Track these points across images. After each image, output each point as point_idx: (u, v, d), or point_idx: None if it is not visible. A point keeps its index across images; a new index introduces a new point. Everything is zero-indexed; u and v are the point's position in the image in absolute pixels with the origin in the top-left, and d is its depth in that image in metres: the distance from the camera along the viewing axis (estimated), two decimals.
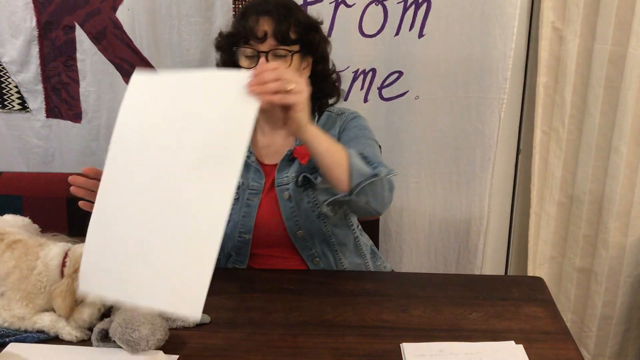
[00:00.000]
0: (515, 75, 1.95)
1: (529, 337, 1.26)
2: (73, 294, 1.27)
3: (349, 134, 1.53)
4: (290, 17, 1.44)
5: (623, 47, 1.86)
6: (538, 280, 1.52)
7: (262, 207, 1.54)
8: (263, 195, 1.53)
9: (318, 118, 1.57)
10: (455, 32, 1.86)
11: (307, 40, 1.48)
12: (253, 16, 1.44)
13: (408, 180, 2.03)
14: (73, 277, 1.28)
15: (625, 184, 1.98)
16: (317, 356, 1.22)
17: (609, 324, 2.13)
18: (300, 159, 1.52)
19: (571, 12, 1.88)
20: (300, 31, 1.46)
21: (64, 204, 1.78)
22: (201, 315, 1.33)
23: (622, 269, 2.06)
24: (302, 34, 1.47)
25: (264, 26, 1.43)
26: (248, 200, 1.53)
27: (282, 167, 1.53)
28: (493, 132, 1.94)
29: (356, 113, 1.59)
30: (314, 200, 1.52)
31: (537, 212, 2.09)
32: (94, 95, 2.06)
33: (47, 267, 1.31)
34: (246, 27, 1.44)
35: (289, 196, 1.51)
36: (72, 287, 1.28)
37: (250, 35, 1.43)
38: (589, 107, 1.95)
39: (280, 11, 1.44)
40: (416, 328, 1.31)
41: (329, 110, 1.59)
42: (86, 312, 1.29)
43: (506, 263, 2.21)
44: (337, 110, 1.60)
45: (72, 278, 1.28)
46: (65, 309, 1.27)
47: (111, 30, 1.97)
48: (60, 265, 1.32)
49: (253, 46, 1.44)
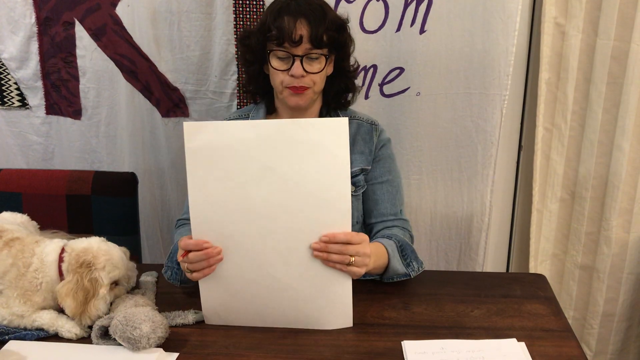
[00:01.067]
0: (517, 71, 1.94)
1: (531, 335, 1.25)
2: (84, 290, 1.26)
3: (384, 165, 1.59)
4: (325, 20, 1.44)
5: (626, 42, 1.85)
6: (540, 278, 1.51)
7: None
8: None
9: (336, 116, 1.58)
10: (457, 28, 1.85)
11: (337, 41, 1.50)
12: (289, 17, 1.43)
13: (409, 177, 2.02)
14: (80, 273, 1.27)
15: (628, 180, 1.97)
16: (317, 353, 1.21)
17: (611, 321, 2.12)
18: None
19: (573, 8, 1.86)
20: (333, 34, 1.47)
21: (63, 201, 1.77)
22: (200, 313, 1.34)
23: (624, 266, 2.05)
24: (334, 35, 1.47)
25: (300, 29, 1.42)
26: None
27: None
28: (495, 129, 1.93)
29: (385, 132, 1.63)
30: None
31: (539, 208, 2.08)
32: (93, 91, 2.05)
33: (42, 263, 1.30)
34: (282, 28, 1.42)
35: None
36: (82, 283, 1.26)
37: (287, 38, 1.42)
38: (591, 104, 1.94)
39: (316, 14, 1.44)
40: (418, 325, 1.30)
41: (358, 119, 1.61)
42: (100, 307, 1.28)
43: (508, 260, 2.21)
44: (366, 118, 1.62)
45: (79, 273, 1.27)
46: (77, 307, 1.25)
47: (111, 26, 1.96)
48: (56, 260, 1.30)
49: (287, 49, 1.44)
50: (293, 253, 1.25)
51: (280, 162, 1.22)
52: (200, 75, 1.97)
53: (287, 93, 1.49)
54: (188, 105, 2.02)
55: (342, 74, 1.57)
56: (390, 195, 1.59)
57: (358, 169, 1.57)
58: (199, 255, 1.26)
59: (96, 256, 1.29)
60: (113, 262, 1.31)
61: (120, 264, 1.33)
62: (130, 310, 1.23)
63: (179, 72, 1.98)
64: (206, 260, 1.26)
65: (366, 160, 1.57)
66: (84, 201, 1.77)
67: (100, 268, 1.28)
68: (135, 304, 1.30)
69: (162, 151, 2.08)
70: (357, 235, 1.26)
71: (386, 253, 1.42)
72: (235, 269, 1.28)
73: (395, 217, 1.58)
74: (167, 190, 2.13)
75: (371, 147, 1.58)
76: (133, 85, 2.01)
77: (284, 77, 1.46)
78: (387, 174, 1.59)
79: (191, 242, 1.26)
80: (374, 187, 1.59)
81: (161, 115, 2.04)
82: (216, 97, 1.98)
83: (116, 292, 1.34)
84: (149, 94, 2.02)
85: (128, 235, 1.79)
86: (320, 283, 1.27)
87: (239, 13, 1.89)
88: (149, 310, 1.24)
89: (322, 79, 1.51)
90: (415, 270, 1.47)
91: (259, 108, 1.63)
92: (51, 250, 1.32)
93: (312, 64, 1.46)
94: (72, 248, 1.31)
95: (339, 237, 1.23)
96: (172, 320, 1.32)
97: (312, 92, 1.49)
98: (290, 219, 1.23)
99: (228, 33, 1.90)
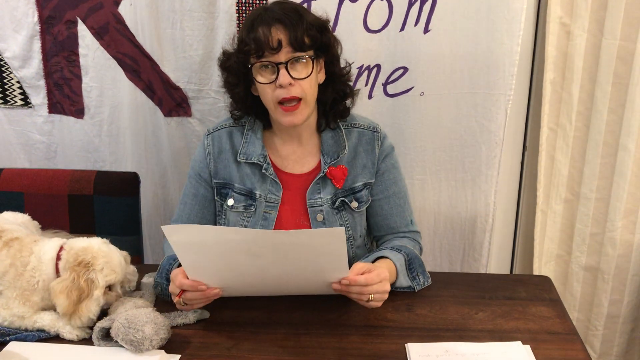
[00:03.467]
0: (521, 71, 1.92)
1: (536, 338, 1.25)
2: (79, 290, 1.25)
3: (389, 177, 1.55)
4: (302, 21, 1.39)
5: (632, 42, 1.83)
6: (545, 280, 1.50)
7: (282, 219, 1.50)
8: (281, 207, 1.50)
9: (336, 127, 1.54)
10: (461, 27, 1.84)
11: (321, 42, 1.44)
12: (263, 27, 1.37)
13: (413, 176, 2.01)
14: (77, 271, 1.26)
15: (633, 181, 1.96)
16: (320, 356, 1.20)
17: (615, 322, 2.11)
18: (335, 182, 1.51)
19: (579, 7, 1.85)
20: (314, 34, 1.41)
21: (65, 200, 1.76)
22: (200, 311, 1.33)
23: (629, 267, 2.04)
24: (316, 36, 1.42)
25: (277, 35, 1.36)
26: (265, 214, 1.50)
27: (314, 188, 1.51)
28: (499, 129, 1.92)
29: (388, 138, 1.58)
30: (346, 223, 1.52)
31: (544, 209, 2.07)
32: (96, 90, 2.04)
33: (40, 261, 1.29)
34: (258, 39, 1.37)
35: (323, 218, 1.50)
36: (78, 282, 1.25)
37: (265, 46, 1.36)
38: (596, 104, 1.93)
39: (290, 17, 1.38)
40: (421, 328, 1.30)
41: (359, 127, 1.55)
42: (92, 309, 1.26)
43: (512, 261, 2.20)
44: (367, 123, 1.57)
45: (76, 272, 1.26)
46: (69, 306, 1.24)
47: (113, 25, 1.95)
48: (54, 258, 1.29)
49: (268, 58, 1.37)
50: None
51: (272, 260, 1.20)
52: (202, 75, 1.97)
53: (280, 113, 1.42)
54: (190, 104, 2.01)
55: (334, 80, 1.50)
56: (399, 207, 1.56)
57: (361, 184, 1.53)
58: (196, 295, 1.26)
59: (95, 257, 1.27)
60: (111, 265, 1.29)
61: (118, 269, 1.31)
62: (131, 312, 1.22)
63: (181, 71, 1.97)
64: (204, 299, 1.28)
65: (369, 173, 1.53)
66: (86, 201, 1.76)
67: (98, 270, 1.26)
68: (134, 305, 1.29)
69: (165, 151, 2.07)
70: (376, 277, 1.26)
71: (395, 271, 1.41)
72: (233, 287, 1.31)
73: (407, 229, 1.57)
74: (169, 190, 2.12)
75: (374, 160, 1.53)
76: (135, 85, 2.00)
77: (273, 92, 1.40)
78: (393, 185, 1.56)
79: (186, 283, 1.25)
80: (381, 202, 1.55)
81: (164, 114, 2.03)
82: (219, 97, 1.97)
83: (108, 297, 1.31)
84: (151, 93, 2.01)
85: (130, 235, 1.79)
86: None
87: (241, 12, 1.88)
88: (151, 311, 1.23)
89: (313, 86, 1.43)
90: (420, 285, 1.45)
91: (256, 121, 1.55)
92: (49, 248, 1.31)
93: (298, 69, 1.39)
94: (70, 246, 1.30)
95: (360, 281, 1.24)
96: (173, 320, 1.31)
97: (305, 105, 1.42)
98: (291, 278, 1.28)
99: (231, 32, 1.89)
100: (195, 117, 2.02)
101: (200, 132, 1.98)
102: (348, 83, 1.55)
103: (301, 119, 1.43)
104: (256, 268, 1.22)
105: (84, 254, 1.27)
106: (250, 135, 1.54)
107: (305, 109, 1.43)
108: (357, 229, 1.54)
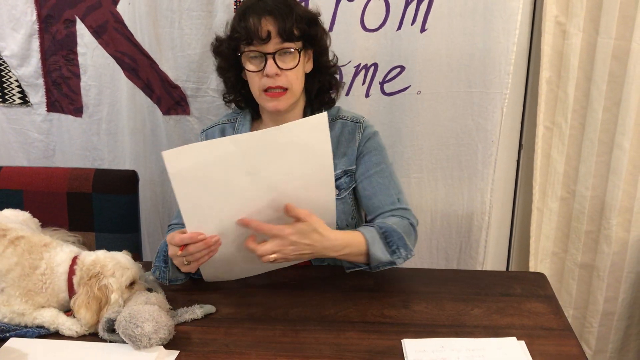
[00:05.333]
0: (517, 70, 1.94)
1: (531, 334, 1.26)
2: (96, 299, 1.27)
3: (370, 159, 1.55)
4: (292, 14, 1.43)
5: (627, 41, 1.84)
6: (540, 276, 1.51)
7: None
8: None
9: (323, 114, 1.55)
10: (458, 26, 1.85)
11: (309, 35, 1.48)
12: (254, 16, 1.42)
13: (410, 175, 2.02)
14: (90, 284, 1.28)
15: (628, 179, 1.97)
16: (318, 352, 1.21)
17: (610, 319, 2.12)
18: None
19: (574, 6, 1.86)
20: (303, 26, 1.45)
21: (64, 198, 1.77)
22: (207, 306, 1.34)
23: (624, 264, 2.05)
24: (305, 29, 1.46)
25: (266, 26, 1.41)
26: None
27: None
28: (495, 127, 1.93)
29: (372, 127, 1.60)
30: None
31: (539, 207, 2.08)
32: (95, 89, 2.05)
33: (52, 271, 1.31)
34: (248, 28, 1.42)
35: None
36: (93, 292, 1.27)
37: (254, 36, 1.41)
38: (592, 103, 1.94)
39: (280, 9, 1.43)
40: (418, 324, 1.31)
41: (343, 118, 1.58)
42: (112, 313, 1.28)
43: (508, 258, 2.21)
44: (351, 116, 1.59)
45: (89, 285, 1.28)
46: (92, 317, 1.26)
47: (112, 24, 1.96)
48: (66, 272, 1.31)
49: (257, 47, 1.43)
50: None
51: (264, 169, 1.24)
52: (201, 74, 1.97)
53: (264, 99, 1.48)
54: (189, 103, 2.02)
55: (322, 70, 1.56)
56: (382, 186, 1.54)
57: (340, 172, 1.54)
58: (198, 247, 1.27)
59: (104, 265, 1.30)
60: (121, 264, 1.31)
61: (129, 264, 1.33)
62: (136, 307, 1.22)
63: (180, 70, 1.98)
64: (206, 249, 1.28)
65: (349, 160, 1.55)
66: (85, 199, 1.77)
67: (109, 275, 1.28)
68: (146, 300, 1.28)
69: (163, 149, 2.04)
70: (309, 217, 1.29)
71: (364, 241, 1.39)
72: (229, 245, 1.33)
73: (393, 206, 1.53)
74: (168, 188, 2.13)
75: (354, 147, 1.55)
76: (134, 83, 2.01)
77: (260, 80, 1.45)
78: (375, 166, 1.55)
79: (186, 237, 1.27)
80: (364, 183, 1.55)
81: (162, 113, 2.04)
82: (217, 95, 1.98)
83: (133, 294, 1.33)
84: (150, 92, 2.02)
85: (129, 232, 1.79)
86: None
87: None
88: (155, 309, 1.23)
89: (299, 77, 1.48)
90: (402, 257, 1.43)
91: (246, 114, 1.63)
92: (62, 260, 1.33)
93: (286, 60, 1.44)
94: (82, 262, 1.32)
95: (298, 213, 1.28)
96: (180, 317, 1.31)
97: (291, 94, 1.47)
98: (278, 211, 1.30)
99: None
100: (194, 115, 2.03)
101: (199, 130, 1.99)
102: (334, 75, 1.60)
103: (285, 105, 1.48)
104: (251, 192, 1.25)
105: (93, 268, 1.29)
106: (241, 129, 1.60)
107: (291, 97, 1.49)
108: (342, 217, 1.54)
